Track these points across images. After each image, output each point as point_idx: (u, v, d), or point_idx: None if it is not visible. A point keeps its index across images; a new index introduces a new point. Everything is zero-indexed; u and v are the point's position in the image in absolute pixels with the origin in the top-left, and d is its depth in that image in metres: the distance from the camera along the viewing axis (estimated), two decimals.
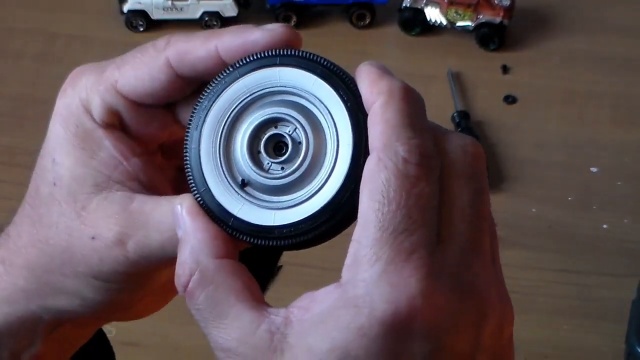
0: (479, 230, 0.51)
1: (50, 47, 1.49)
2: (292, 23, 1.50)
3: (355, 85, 0.52)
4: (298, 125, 0.52)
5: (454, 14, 1.48)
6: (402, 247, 0.48)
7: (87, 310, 0.59)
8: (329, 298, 0.48)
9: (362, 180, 0.49)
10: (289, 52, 0.53)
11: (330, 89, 0.52)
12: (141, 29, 1.52)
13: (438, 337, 0.48)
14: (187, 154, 0.53)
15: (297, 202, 0.52)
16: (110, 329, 1.06)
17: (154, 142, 0.59)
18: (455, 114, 1.35)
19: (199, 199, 0.53)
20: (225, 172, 0.53)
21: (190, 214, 0.52)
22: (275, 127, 0.53)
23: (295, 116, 0.52)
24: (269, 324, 0.49)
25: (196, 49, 0.55)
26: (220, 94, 0.53)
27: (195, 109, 0.54)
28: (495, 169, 1.29)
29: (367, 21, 1.52)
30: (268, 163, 0.52)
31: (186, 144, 0.53)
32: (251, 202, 0.52)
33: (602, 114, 1.39)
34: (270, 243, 0.52)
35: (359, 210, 0.49)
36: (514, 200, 1.26)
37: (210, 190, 0.52)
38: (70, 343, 0.63)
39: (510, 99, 1.41)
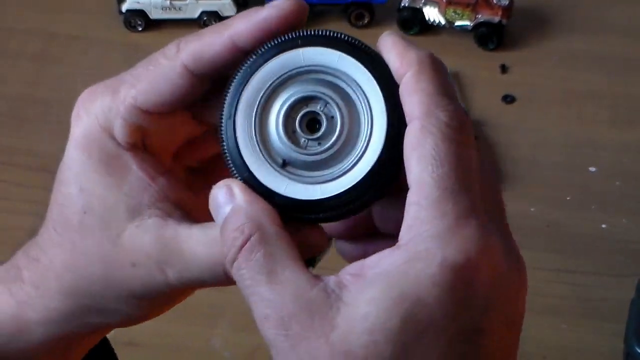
0: (504, 210, 0.54)
1: (49, 47, 1.49)
2: None
3: (380, 57, 0.53)
4: (330, 101, 0.53)
5: (453, 14, 1.48)
6: (463, 205, 0.50)
7: (126, 323, 0.60)
8: (388, 260, 0.50)
9: (406, 148, 0.51)
10: (309, 33, 0.54)
11: (357, 62, 0.53)
12: (140, 29, 1.52)
13: (495, 290, 0.50)
14: (224, 143, 0.54)
15: (339, 173, 0.53)
16: None
17: (172, 147, 0.59)
18: None
19: (248, 185, 0.54)
20: (265, 155, 0.54)
21: (244, 191, 0.53)
22: (307, 106, 0.54)
23: (325, 92, 0.53)
24: (324, 285, 0.50)
25: (211, 46, 0.55)
26: (247, 81, 0.54)
27: (224, 99, 0.54)
28: (494, 168, 1.29)
29: (366, 21, 1.52)
30: (305, 141, 0.53)
31: (222, 134, 0.54)
32: (295, 180, 0.53)
33: (601, 114, 1.39)
34: (320, 216, 0.53)
35: (410, 177, 0.50)
36: (512, 200, 1.25)
37: (253, 175, 0.53)
38: (89, 346, 0.65)
39: (509, 99, 1.41)
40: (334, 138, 0.53)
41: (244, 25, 0.54)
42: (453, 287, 0.49)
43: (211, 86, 0.56)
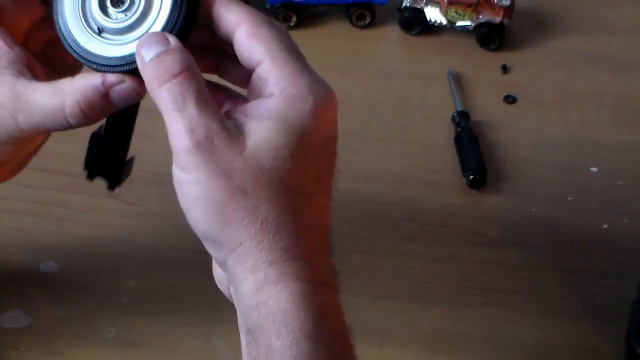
0: None
1: None
2: (292, 23, 1.50)
3: None
4: None
5: (454, 14, 1.48)
6: (309, 66, 0.72)
7: None
8: (270, 104, 0.69)
9: (253, 37, 0.71)
10: None
11: None
12: None
13: (335, 124, 0.72)
14: (56, 18, 0.75)
15: (142, 34, 0.72)
16: (110, 329, 1.06)
17: (24, 28, 0.77)
18: (455, 114, 1.35)
19: (70, 48, 0.74)
20: (86, 26, 0.74)
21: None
22: None
23: None
24: (234, 120, 0.71)
25: None
26: None
27: None
28: (495, 168, 1.28)
29: (367, 21, 1.52)
30: (114, 13, 0.74)
31: (54, 11, 0.75)
32: (110, 43, 0.73)
33: (602, 114, 1.39)
34: (134, 67, 0.72)
35: (260, 54, 0.70)
36: (513, 200, 1.26)
37: (77, 41, 0.74)
38: None
39: (510, 99, 1.41)
40: (134, 10, 0.73)
41: None
42: (322, 118, 0.70)
43: None
